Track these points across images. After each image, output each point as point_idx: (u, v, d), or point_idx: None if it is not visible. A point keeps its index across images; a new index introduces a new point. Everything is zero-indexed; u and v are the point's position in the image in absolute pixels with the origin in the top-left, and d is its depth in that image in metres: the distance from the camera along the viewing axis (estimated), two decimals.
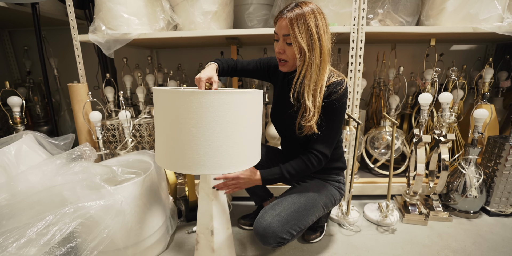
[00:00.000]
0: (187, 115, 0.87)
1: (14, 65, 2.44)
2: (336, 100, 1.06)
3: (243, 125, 0.93)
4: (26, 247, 0.88)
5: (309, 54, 1.03)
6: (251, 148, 0.98)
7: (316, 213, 1.18)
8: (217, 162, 0.90)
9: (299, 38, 1.00)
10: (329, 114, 1.09)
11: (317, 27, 1.01)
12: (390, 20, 1.62)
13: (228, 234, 1.19)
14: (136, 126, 1.76)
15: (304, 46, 1.01)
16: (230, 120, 0.89)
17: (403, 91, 1.99)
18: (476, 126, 1.51)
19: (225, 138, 0.89)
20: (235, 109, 0.89)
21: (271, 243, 1.08)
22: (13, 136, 1.35)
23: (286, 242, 1.11)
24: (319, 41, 1.02)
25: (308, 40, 1.01)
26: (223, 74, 1.27)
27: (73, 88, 1.60)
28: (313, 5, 1.02)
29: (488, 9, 1.48)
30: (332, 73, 1.10)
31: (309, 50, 1.02)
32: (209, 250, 1.15)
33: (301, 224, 1.13)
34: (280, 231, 1.07)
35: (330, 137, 1.13)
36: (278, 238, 1.07)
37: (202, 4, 1.57)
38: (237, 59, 1.33)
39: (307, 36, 1.00)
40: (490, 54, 2.20)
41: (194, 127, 0.87)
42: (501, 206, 1.61)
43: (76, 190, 1.05)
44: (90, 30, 1.58)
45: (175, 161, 0.92)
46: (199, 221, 1.15)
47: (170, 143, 0.92)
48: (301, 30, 1.00)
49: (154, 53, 2.40)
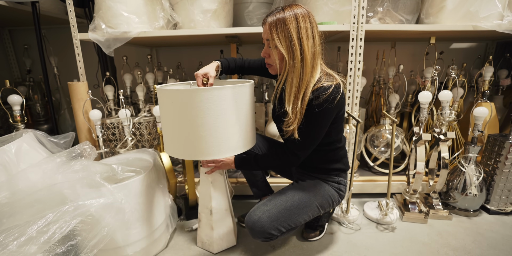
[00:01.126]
0: (179, 109, 1.03)
1: (14, 64, 2.45)
2: (317, 105, 1.03)
3: (225, 117, 1.04)
4: (26, 245, 0.89)
5: (288, 59, 1.02)
6: (238, 136, 1.10)
7: (309, 212, 1.18)
8: (205, 149, 1.06)
9: (277, 43, 1.01)
10: (308, 119, 1.06)
11: (298, 31, 0.99)
12: (390, 18, 1.62)
13: (226, 215, 1.33)
14: (136, 124, 1.76)
15: (284, 51, 1.01)
16: (212, 113, 1.01)
17: (403, 89, 2.00)
18: (476, 124, 1.51)
19: (210, 129, 1.03)
20: (215, 104, 1.01)
21: (259, 237, 1.12)
22: (14, 135, 1.35)
23: (274, 237, 1.13)
24: (300, 45, 1.00)
25: (287, 44, 1.00)
26: (229, 72, 1.30)
27: (73, 87, 1.60)
28: (299, 9, 1.01)
29: (488, 7, 1.47)
30: (323, 77, 1.06)
31: (289, 55, 1.02)
32: (209, 228, 1.31)
33: (291, 222, 1.14)
34: (268, 226, 1.10)
35: (306, 142, 1.10)
36: (266, 233, 1.10)
37: (202, 3, 1.57)
38: (246, 58, 1.36)
39: (286, 41, 1.00)
40: (490, 52, 2.20)
41: (184, 121, 1.03)
42: (501, 204, 1.61)
43: (76, 188, 1.05)
44: (90, 29, 1.58)
45: (177, 149, 1.11)
46: (200, 201, 1.32)
47: (170, 134, 1.11)
48: (280, 35, 1.00)
49: (154, 51, 2.40)
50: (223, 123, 1.04)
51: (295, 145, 1.11)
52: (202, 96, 0.99)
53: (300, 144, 1.10)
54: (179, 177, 1.87)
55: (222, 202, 1.30)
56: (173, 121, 1.06)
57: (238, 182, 1.80)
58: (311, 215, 1.20)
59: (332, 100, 1.03)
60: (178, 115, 1.04)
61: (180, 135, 1.06)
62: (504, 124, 1.98)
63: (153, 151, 1.47)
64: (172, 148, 1.12)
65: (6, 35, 2.39)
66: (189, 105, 1.00)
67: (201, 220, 1.33)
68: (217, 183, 1.29)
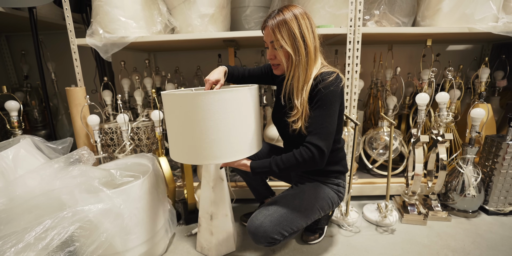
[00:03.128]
0: (185, 113, 1.02)
1: (12, 70, 2.44)
2: (324, 87, 1.04)
3: (235, 119, 1.04)
4: (24, 252, 0.88)
5: (295, 56, 1.06)
6: (244, 139, 1.09)
7: (310, 215, 1.18)
8: (212, 153, 1.04)
9: (283, 43, 1.05)
10: (317, 103, 1.06)
11: (300, 29, 1.04)
12: (387, 21, 1.63)
13: (226, 220, 1.32)
14: (134, 129, 1.76)
15: (290, 49, 1.06)
16: (220, 116, 1.01)
17: (400, 91, 2.00)
18: (473, 125, 1.51)
19: (217, 132, 1.02)
20: (226, 106, 1.01)
21: (262, 242, 1.10)
22: (11, 141, 1.35)
23: (277, 242, 1.12)
24: (303, 42, 1.05)
25: (292, 43, 1.05)
26: (233, 80, 1.34)
27: (71, 92, 1.60)
28: (296, 9, 1.06)
29: (483, 9, 1.49)
30: (324, 68, 1.12)
31: (295, 53, 1.06)
32: (208, 233, 1.30)
33: (293, 225, 1.13)
34: (271, 231, 1.09)
35: (322, 128, 1.06)
36: (269, 238, 1.09)
37: (199, 7, 1.57)
38: (245, 67, 1.41)
39: (291, 40, 1.05)
40: (486, 54, 2.21)
41: (191, 123, 1.02)
42: (500, 205, 1.61)
43: (75, 194, 1.04)
44: (88, 34, 1.58)
45: (180, 154, 1.10)
46: (201, 206, 1.31)
47: (177, 139, 1.09)
48: (284, 36, 1.05)
49: (152, 56, 2.41)
50: (231, 126, 1.04)
51: (312, 135, 1.07)
52: (212, 99, 1.00)
53: (317, 135, 1.06)
54: (178, 181, 1.86)
55: (222, 208, 1.30)
56: (180, 125, 1.05)
57: (238, 186, 1.79)
58: (312, 218, 1.20)
59: (338, 83, 1.07)
60: (185, 119, 1.03)
61: (188, 140, 1.05)
62: (501, 125, 1.99)
63: (152, 156, 1.47)
64: (178, 153, 1.11)
65: (3, 40, 2.39)
66: (201, 108, 1.00)
67: (201, 225, 1.33)
68: (218, 188, 1.28)
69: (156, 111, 1.56)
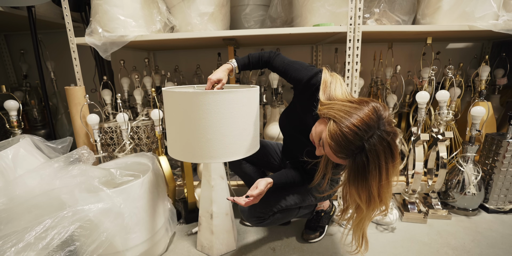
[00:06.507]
0: (183, 111, 1.03)
1: (11, 69, 2.44)
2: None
3: (232, 120, 1.04)
4: (24, 252, 0.88)
5: None
6: (240, 141, 1.09)
7: (301, 196, 1.26)
8: (207, 152, 1.05)
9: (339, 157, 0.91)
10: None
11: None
12: (387, 19, 1.62)
13: (227, 219, 1.33)
14: (134, 128, 1.76)
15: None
16: (217, 116, 1.01)
17: (400, 90, 2.00)
18: (474, 123, 1.51)
19: (213, 132, 1.03)
20: (222, 107, 1.01)
21: (251, 217, 1.21)
22: (10, 140, 1.35)
23: (266, 217, 1.22)
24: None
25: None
26: (250, 68, 1.25)
27: (70, 91, 1.60)
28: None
29: (483, 7, 1.48)
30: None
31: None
32: (209, 232, 1.31)
33: (282, 203, 1.22)
34: (260, 206, 1.18)
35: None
36: (258, 212, 1.20)
37: (199, 6, 1.57)
38: (279, 54, 1.22)
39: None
40: (486, 52, 2.21)
41: (188, 121, 1.03)
42: (500, 203, 1.61)
43: (75, 193, 1.04)
44: (87, 33, 1.57)
45: (177, 150, 1.11)
46: (201, 205, 1.32)
47: (174, 136, 1.10)
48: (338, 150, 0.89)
49: (151, 55, 2.40)
50: (227, 127, 1.04)
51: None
52: (210, 99, 0.99)
53: None
54: (178, 180, 1.86)
55: (223, 207, 1.30)
56: (178, 122, 1.05)
57: (238, 185, 1.79)
58: (302, 200, 1.26)
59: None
60: (183, 117, 1.03)
61: (184, 137, 1.05)
62: (501, 123, 1.99)
63: (152, 155, 1.47)
64: (175, 150, 1.12)
65: (2, 40, 2.38)
66: (199, 107, 1.00)
67: (201, 224, 1.33)
68: (219, 188, 1.28)
69: (156, 110, 1.56)
